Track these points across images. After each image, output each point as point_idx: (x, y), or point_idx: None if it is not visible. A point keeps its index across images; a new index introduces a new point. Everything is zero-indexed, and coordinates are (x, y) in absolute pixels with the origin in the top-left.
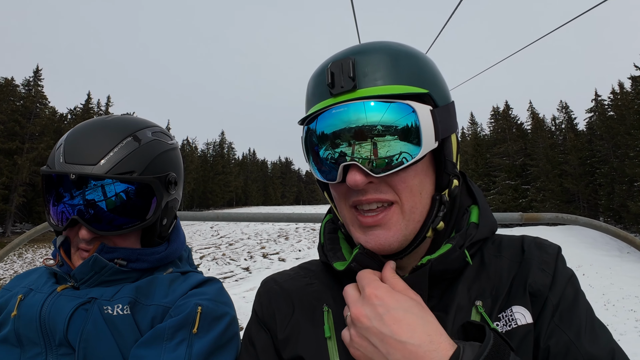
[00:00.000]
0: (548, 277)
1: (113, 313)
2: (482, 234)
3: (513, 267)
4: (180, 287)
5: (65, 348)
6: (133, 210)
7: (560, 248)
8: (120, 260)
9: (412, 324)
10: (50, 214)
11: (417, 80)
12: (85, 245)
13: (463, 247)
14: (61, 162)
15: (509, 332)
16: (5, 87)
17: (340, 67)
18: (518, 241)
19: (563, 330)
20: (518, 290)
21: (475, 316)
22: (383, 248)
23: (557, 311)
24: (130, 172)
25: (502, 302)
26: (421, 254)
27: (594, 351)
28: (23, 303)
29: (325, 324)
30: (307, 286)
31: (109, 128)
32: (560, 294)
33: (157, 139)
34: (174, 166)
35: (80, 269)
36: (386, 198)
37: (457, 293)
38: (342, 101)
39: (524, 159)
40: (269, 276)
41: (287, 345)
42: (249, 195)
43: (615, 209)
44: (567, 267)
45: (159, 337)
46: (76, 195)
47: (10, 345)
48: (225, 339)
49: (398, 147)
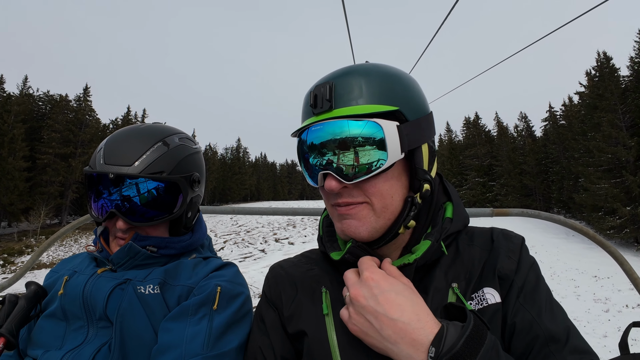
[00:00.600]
0: (514, 263)
1: (145, 292)
2: (455, 227)
3: (484, 254)
4: (202, 270)
5: (104, 322)
6: (162, 204)
7: (524, 239)
8: (152, 247)
9: (403, 305)
10: (92, 207)
11: (387, 98)
12: (121, 234)
13: (439, 240)
14: (101, 163)
15: (481, 310)
16: (60, 102)
17: (320, 90)
18: (488, 232)
19: (527, 309)
20: (488, 274)
21: (451, 296)
22: (354, 235)
23: (521, 293)
24: (160, 172)
25: (474, 284)
26: (401, 244)
27: (553, 327)
28: (68, 283)
29: (323, 302)
30: (308, 271)
31: (142, 134)
32: (524, 278)
33: (183, 143)
34: (197, 167)
35: (117, 255)
36: (357, 201)
37: (435, 277)
38: (320, 120)
39: (490, 160)
40: (276, 263)
41: (292, 321)
42: (261, 191)
43: (564, 200)
44: (530, 255)
45: (184, 312)
46: (114, 191)
47: (57, 319)
48: (241, 315)
49: (367, 157)
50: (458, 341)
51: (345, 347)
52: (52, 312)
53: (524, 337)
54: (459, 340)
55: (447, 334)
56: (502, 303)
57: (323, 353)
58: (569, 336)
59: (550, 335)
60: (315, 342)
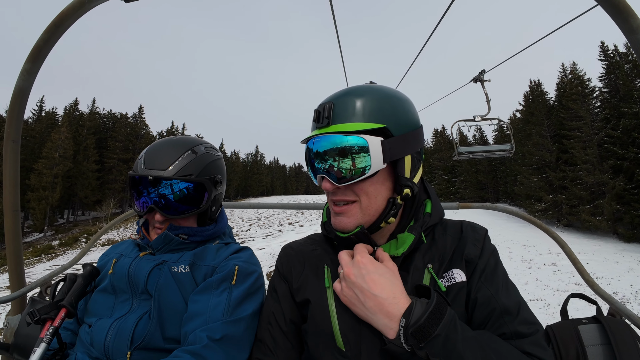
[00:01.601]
0: (478, 250)
1: (178, 271)
2: (433, 221)
3: (454, 241)
4: (223, 253)
5: (145, 295)
6: (191, 201)
7: (487, 230)
8: (183, 235)
9: (383, 284)
10: (135, 204)
11: (376, 117)
12: (159, 225)
13: (420, 232)
14: (142, 168)
15: (450, 286)
16: (120, 119)
17: (323, 108)
18: (458, 224)
19: (487, 287)
20: (457, 258)
21: (427, 275)
22: (343, 229)
23: (483, 274)
24: (190, 175)
25: (445, 266)
26: (388, 232)
27: (507, 303)
28: (117, 264)
29: (325, 277)
30: (313, 251)
31: (175, 144)
32: (485, 262)
33: (208, 152)
34: (220, 171)
35: (155, 241)
36: (348, 199)
37: (414, 259)
38: (320, 133)
39: (453, 162)
40: (287, 244)
41: (299, 292)
42: (274, 188)
43: (508, 192)
44: (491, 244)
45: (208, 287)
46: (152, 191)
47: (108, 293)
48: (254, 289)
49: (355, 165)
50: (423, 315)
51: (341, 313)
52: (103, 288)
53: (484, 310)
54: (424, 315)
55: (414, 309)
56: (467, 282)
57: (323, 317)
58: (519, 310)
59: (505, 308)
60: (317, 308)
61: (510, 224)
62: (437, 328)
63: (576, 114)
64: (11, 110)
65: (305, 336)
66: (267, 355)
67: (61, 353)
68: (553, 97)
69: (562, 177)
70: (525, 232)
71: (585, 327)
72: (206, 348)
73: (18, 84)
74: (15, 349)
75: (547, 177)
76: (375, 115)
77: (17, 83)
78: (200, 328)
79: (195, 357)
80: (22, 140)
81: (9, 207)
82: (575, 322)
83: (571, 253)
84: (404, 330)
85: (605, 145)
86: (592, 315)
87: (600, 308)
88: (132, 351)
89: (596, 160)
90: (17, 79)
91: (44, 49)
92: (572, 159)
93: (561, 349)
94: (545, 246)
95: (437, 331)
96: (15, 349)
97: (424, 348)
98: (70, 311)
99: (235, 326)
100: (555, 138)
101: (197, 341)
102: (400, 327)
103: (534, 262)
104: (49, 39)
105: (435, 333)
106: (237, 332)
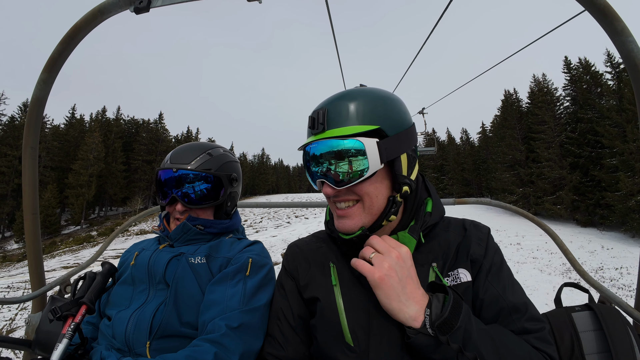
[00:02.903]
0: (482, 249)
1: (195, 262)
2: (434, 220)
3: (457, 238)
4: (237, 246)
5: (162, 285)
6: (209, 193)
7: (489, 229)
8: (200, 226)
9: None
10: (159, 196)
11: (369, 119)
12: (179, 215)
13: (419, 231)
14: (169, 163)
15: (455, 285)
16: (143, 124)
17: (317, 114)
18: (460, 222)
19: (494, 287)
20: (462, 257)
21: (432, 273)
22: (346, 231)
23: (489, 273)
24: (209, 170)
25: (449, 264)
26: (389, 230)
27: (515, 301)
28: (138, 257)
29: (332, 275)
30: (318, 249)
31: (197, 146)
32: (491, 261)
33: (225, 153)
34: (235, 170)
35: (175, 231)
36: (352, 198)
37: (418, 255)
38: (316, 139)
39: (442, 161)
40: (293, 242)
41: (307, 289)
42: (279, 187)
43: (489, 187)
44: (494, 242)
45: (224, 277)
46: (176, 183)
47: (127, 285)
48: (267, 280)
49: (353, 168)
50: (446, 310)
51: (349, 310)
52: (124, 279)
53: (492, 309)
54: (447, 309)
55: (433, 302)
56: (473, 282)
57: (332, 314)
58: (527, 308)
59: (513, 307)
60: (326, 306)
61: (488, 214)
62: (458, 320)
63: (542, 119)
64: (29, 118)
65: (314, 331)
66: (277, 350)
67: (83, 347)
68: (525, 104)
69: (530, 173)
70: (499, 220)
71: (578, 314)
72: (225, 336)
73: (35, 93)
74: (37, 345)
75: (518, 173)
76: (368, 117)
77: (34, 92)
78: (219, 317)
79: (214, 345)
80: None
81: (29, 211)
82: (569, 309)
83: (562, 244)
84: (429, 320)
85: (565, 145)
86: (585, 303)
87: (592, 296)
88: (151, 341)
89: (557, 158)
90: (34, 89)
91: (59, 59)
92: (538, 158)
93: (556, 335)
94: (513, 231)
95: (458, 323)
96: (37, 345)
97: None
98: (90, 307)
99: (252, 315)
100: (525, 140)
101: (215, 329)
102: (426, 315)
103: (502, 244)
104: (64, 50)
105: (457, 325)
106: (254, 320)
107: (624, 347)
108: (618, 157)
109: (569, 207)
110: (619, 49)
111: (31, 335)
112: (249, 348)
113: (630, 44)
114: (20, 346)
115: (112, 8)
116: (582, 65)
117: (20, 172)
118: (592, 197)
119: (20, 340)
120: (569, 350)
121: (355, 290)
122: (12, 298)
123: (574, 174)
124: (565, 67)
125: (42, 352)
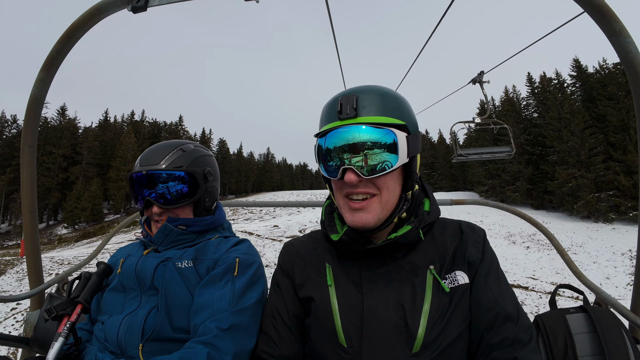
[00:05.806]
0: (479, 252)
1: (182, 266)
2: (431, 219)
3: (454, 241)
4: (224, 246)
5: (153, 290)
6: (184, 191)
7: (485, 231)
8: (181, 226)
9: None
10: (134, 200)
11: (398, 114)
12: (158, 218)
13: (418, 228)
14: (138, 166)
15: (454, 288)
16: (165, 126)
17: (347, 100)
18: (457, 223)
19: (491, 291)
20: (459, 260)
21: (429, 276)
22: (364, 225)
23: (487, 277)
24: (180, 167)
25: (447, 267)
26: (388, 231)
27: (509, 309)
28: (124, 264)
29: (327, 275)
30: (314, 249)
31: (166, 145)
32: (488, 265)
33: (196, 148)
34: (209, 164)
35: (157, 235)
36: (371, 192)
37: (414, 256)
38: (346, 124)
39: (433, 160)
40: (289, 241)
41: (302, 288)
42: (283, 184)
43: (471, 181)
44: (490, 246)
45: (212, 279)
46: (148, 186)
47: (117, 292)
48: (255, 278)
49: (382, 158)
50: None
51: (343, 311)
52: (113, 287)
53: (489, 313)
54: None
55: None
56: (470, 284)
57: (326, 315)
58: (519, 315)
59: (508, 314)
60: (320, 306)
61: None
62: None
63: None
64: (27, 117)
65: (308, 330)
66: (272, 348)
67: (76, 347)
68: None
69: (496, 168)
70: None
71: (572, 316)
72: (216, 338)
73: (33, 93)
74: (34, 343)
75: (488, 169)
76: (397, 112)
77: (32, 91)
78: (209, 319)
79: (207, 346)
80: (97, 142)
81: (26, 209)
82: (564, 311)
83: (559, 246)
84: None
85: (523, 145)
86: (579, 305)
87: (587, 298)
88: (143, 343)
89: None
90: (32, 88)
91: (57, 58)
92: None
93: (550, 337)
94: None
95: None
96: (35, 342)
97: None
98: (85, 307)
99: (242, 315)
100: (494, 141)
101: (207, 332)
102: None
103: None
104: (62, 49)
105: None
106: (244, 320)
107: (617, 349)
108: (556, 154)
109: (524, 194)
110: (617, 50)
111: (29, 333)
112: (241, 348)
113: (629, 45)
114: (18, 344)
115: (110, 7)
116: (542, 80)
117: (65, 168)
118: (542, 185)
119: (18, 337)
120: (562, 352)
121: (350, 291)
122: (10, 296)
123: (528, 168)
124: (527, 82)
125: (40, 350)
